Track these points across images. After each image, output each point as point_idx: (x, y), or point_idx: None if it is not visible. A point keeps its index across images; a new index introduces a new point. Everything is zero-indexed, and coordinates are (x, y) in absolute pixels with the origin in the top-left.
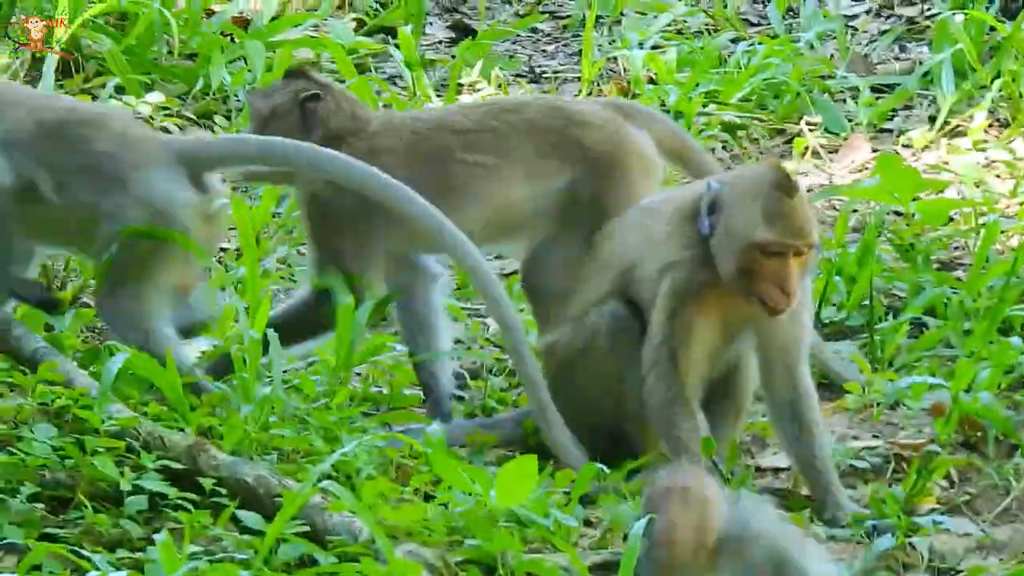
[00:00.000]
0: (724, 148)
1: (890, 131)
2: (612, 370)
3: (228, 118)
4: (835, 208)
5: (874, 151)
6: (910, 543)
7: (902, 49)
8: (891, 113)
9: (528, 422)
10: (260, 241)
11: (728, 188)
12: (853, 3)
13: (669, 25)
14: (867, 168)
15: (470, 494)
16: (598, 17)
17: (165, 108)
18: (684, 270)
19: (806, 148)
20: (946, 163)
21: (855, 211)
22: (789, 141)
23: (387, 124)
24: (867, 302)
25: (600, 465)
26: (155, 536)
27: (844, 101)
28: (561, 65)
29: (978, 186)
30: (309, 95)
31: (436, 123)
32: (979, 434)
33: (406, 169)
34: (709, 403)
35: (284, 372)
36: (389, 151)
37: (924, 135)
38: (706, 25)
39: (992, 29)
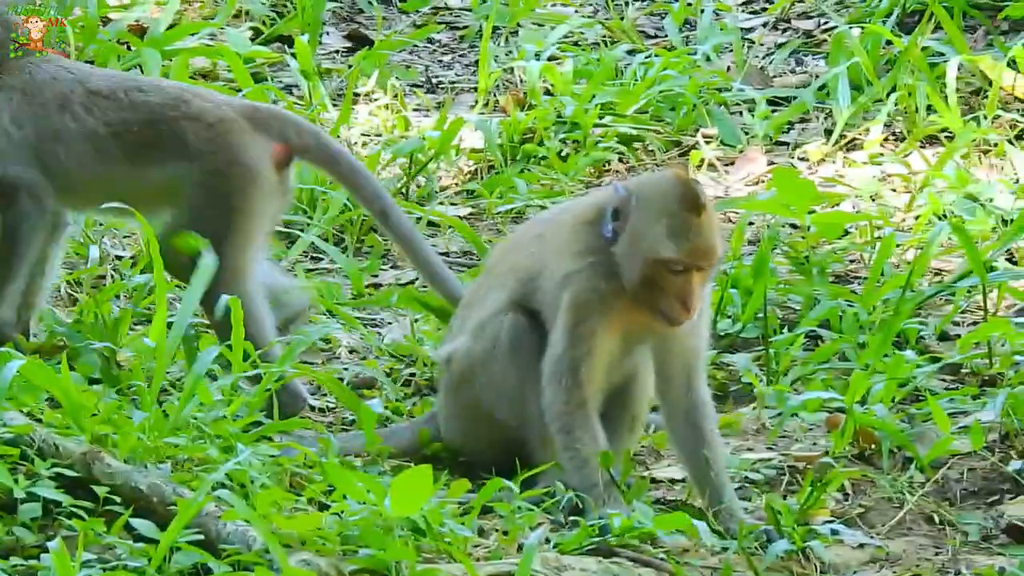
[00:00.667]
0: (620, 160)
1: (786, 144)
2: (512, 380)
3: None
4: (731, 220)
5: (770, 164)
6: (805, 553)
7: (799, 62)
8: (787, 126)
9: (423, 432)
10: None
11: (634, 196)
12: (750, 16)
13: (566, 37)
14: (763, 181)
15: (364, 503)
16: (495, 28)
17: None
18: (586, 279)
19: (702, 160)
20: (842, 176)
21: (751, 224)
22: (685, 153)
23: (35, 66)
24: (762, 314)
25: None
26: (49, 544)
27: (740, 114)
28: (458, 76)
29: (874, 200)
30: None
31: (78, 78)
32: (873, 447)
33: (22, 109)
34: (605, 413)
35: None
36: (13, 88)
37: (820, 148)
38: (603, 37)
39: (889, 43)
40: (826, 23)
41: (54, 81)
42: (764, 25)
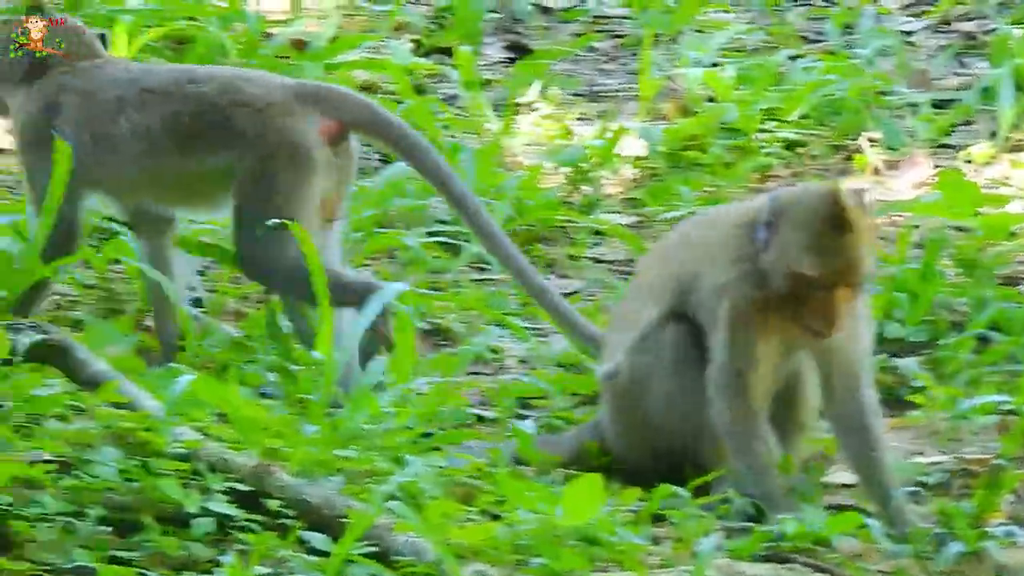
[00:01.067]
0: (785, 166)
1: (950, 146)
2: (679, 392)
3: None
4: (896, 224)
5: (935, 167)
6: (979, 556)
7: (961, 64)
8: (951, 128)
9: (591, 444)
10: None
11: (786, 206)
12: (910, 19)
13: (727, 43)
14: (928, 184)
15: (536, 513)
16: (656, 35)
17: None
18: (739, 289)
19: (867, 164)
20: (1008, 178)
21: (916, 227)
22: (849, 158)
23: (96, 66)
24: (930, 318)
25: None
26: (222, 558)
27: (903, 117)
28: (620, 84)
29: None
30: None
31: (132, 77)
32: None
33: (79, 112)
34: (772, 417)
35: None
36: (74, 90)
37: (985, 150)
38: (764, 42)
39: None
40: (988, 24)
41: (110, 83)
42: (925, 28)
